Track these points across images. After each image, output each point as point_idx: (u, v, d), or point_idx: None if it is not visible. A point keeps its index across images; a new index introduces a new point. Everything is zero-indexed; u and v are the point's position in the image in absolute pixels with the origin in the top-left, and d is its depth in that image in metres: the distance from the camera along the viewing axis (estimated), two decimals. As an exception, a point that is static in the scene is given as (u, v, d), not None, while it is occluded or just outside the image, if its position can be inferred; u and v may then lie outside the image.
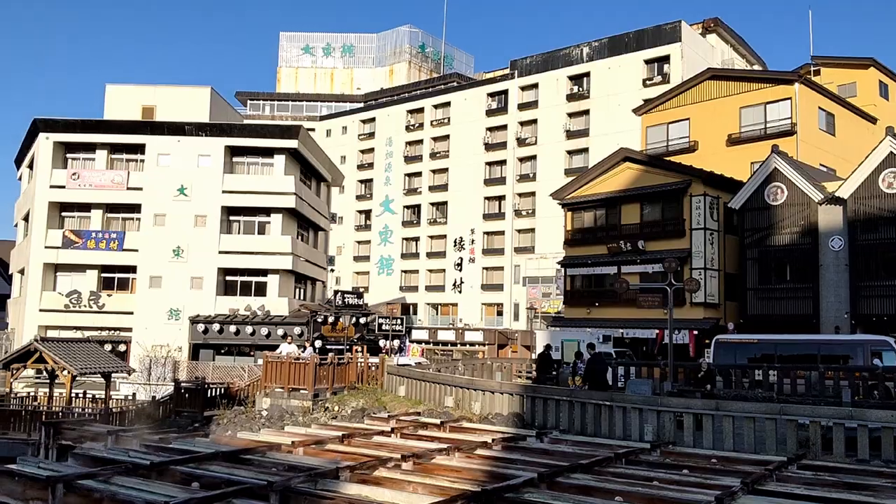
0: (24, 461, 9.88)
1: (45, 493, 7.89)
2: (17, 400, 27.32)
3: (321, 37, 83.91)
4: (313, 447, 11.83)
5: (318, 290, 45.21)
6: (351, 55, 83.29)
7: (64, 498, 7.86)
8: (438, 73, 79.35)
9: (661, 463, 11.06)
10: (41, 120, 38.87)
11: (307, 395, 21.44)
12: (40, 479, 8.12)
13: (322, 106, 76.11)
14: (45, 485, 7.94)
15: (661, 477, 9.59)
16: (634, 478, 9.56)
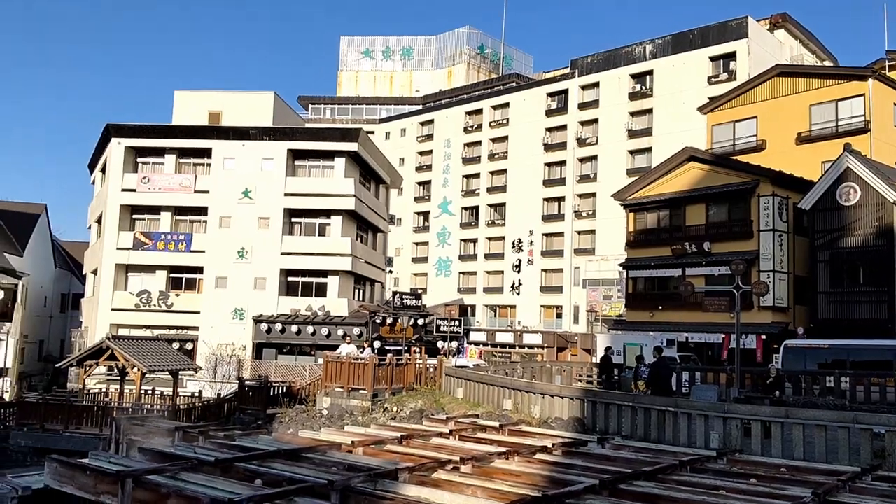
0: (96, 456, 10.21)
1: (114, 488, 8.12)
2: (89, 396, 28.39)
3: (381, 40, 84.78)
4: (373, 447, 11.87)
5: (376, 291, 45.61)
6: (410, 58, 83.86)
7: (133, 492, 8.07)
8: (497, 73, 79.14)
9: (727, 471, 10.71)
10: (113, 125, 40.31)
11: (366, 395, 21.61)
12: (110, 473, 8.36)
13: (381, 109, 76.84)
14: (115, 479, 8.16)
15: (728, 486, 9.28)
16: (700, 486, 9.27)
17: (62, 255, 55.23)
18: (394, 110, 74.97)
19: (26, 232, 47.36)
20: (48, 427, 24.90)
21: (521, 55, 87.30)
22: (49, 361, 46.56)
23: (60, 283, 52.96)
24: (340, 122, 69.63)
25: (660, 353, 18.45)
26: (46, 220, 51.47)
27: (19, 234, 46.77)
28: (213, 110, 42.61)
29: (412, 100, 76.75)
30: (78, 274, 52.68)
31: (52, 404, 26.42)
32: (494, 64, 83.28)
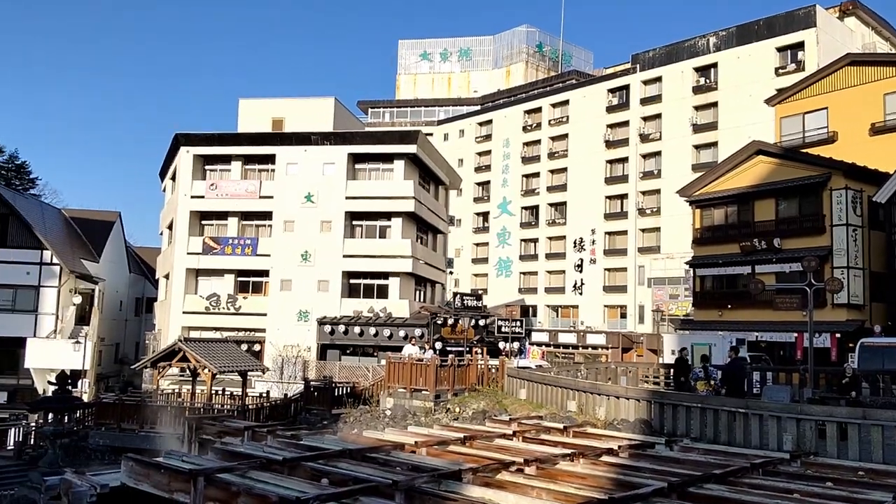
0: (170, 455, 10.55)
1: (187, 486, 8.37)
2: (163, 396, 29.34)
3: (438, 42, 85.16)
4: (436, 448, 11.91)
5: (437, 292, 45.77)
6: (468, 59, 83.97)
7: (204, 490, 8.30)
8: (556, 71, 78.49)
9: (801, 474, 10.34)
10: (182, 135, 41.62)
11: (429, 395, 21.70)
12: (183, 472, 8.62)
13: (440, 110, 77.15)
14: (188, 477, 8.41)
15: (803, 489, 8.96)
16: (773, 490, 8.98)
17: (136, 261, 57.30)
18: (452, 112, 75.16)
19: (102, 239, 49.37)
20: (124, 427, 25.83)
21: (581, 52, 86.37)
22: (124, 363, 48.37)
23: (134, 288, 54.99)
24: (399, 126, 70.19)
25: (736, 353, 17.93)
26: (121, 227, 53.50)
27: (96, 241, 48.82)
28: (276, 117, 43.54)
29: (470, 100, 76.81)
30: (151, 278, 54.58)
31: (128, 405, 27.41)
32: (553, 62, 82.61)
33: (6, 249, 40.40)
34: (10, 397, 39.16)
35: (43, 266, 40.71)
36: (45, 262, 40.73)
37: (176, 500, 8.65)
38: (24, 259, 40.35)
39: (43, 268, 40.71)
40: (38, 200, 55.90)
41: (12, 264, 40.17)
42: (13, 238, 40.62)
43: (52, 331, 40.21)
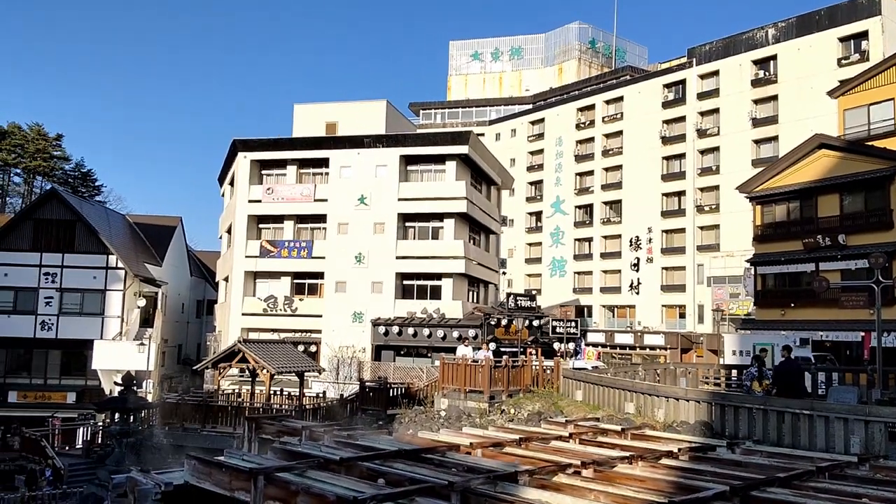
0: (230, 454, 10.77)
1: (248, 484, 8.52)
2: (223, 396, 30.04)
3: (489, 42, 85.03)
4: (491, 449, 11.85)
5: (490, 292, 45.68)
6: (519, 57, 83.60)
7: (264, 489, 8.45)
8: (610, 67, 77.51)
9: (870, 478, 9.93)
10: (239, 141, 42.56)
11: (483, 397, 21.63)
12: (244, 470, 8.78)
13: (491, 110, 76.99)
14: (248, 476, 8.57)
15: (872, 494, 8.60)
16: (840, 494, 8.65)
17: (196, 264, 58.84)
18: (503, 111, 74.93)
19: (164, 243, 50.86)
20: (187, 426, 26.57)
21: (635, 47, 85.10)
22: (187, 364, 49.69)
23: (195, 291, 56.46)
24: (450, 126, 70.34)
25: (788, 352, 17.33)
26: (182, 232, 55.03)
27: (158, 245, 50.33)
28: (329, 121, 44.16)
29: (522, 99, 76.45)
30: (211, 281, 55.97)
31: (190, 404, 28.17)
32: (606, 58, 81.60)
33: (74, 255, 41.96)
34: (79, 397, 40.68)
35: (109, 270, 42.12)
36: (111, 267, 42.13)
37: (237, 498, 8.82)
38: (90, 264, 41.85)
39: (109, 272, 42.12)
40: (104, 207, 57.95)
41: (80, 269, 41.71)
42: (80, 244, 42.16)
43: (117, 333, 41.58)
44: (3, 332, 40.71)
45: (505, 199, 55.06)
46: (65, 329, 41.15)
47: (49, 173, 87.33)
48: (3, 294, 41.30)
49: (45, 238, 42.08)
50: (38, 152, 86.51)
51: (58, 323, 41.20)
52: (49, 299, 41.42)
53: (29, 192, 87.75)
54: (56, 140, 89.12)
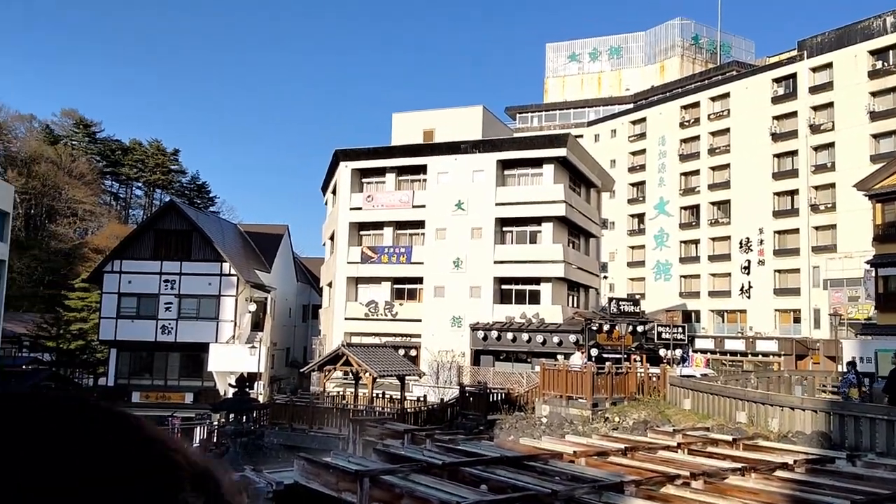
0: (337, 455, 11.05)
1: (354, 486, 8.70)
2: (329, 398, 30.88)
3: (587, 42, 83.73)
4: (595, 458, 11.61)
5: (591, 297, 44.87)
6: (618, 57, 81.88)
7: (370, 491, 8.60)
8: (714, 63, 74.71)
9: None
10: (341, 151, 43.77)
11: (586, 404, 21.26)
12: (350, 472, 8.97)
13: (590, 111, 75.72)
14: (354, 478, 8.75)
15: None
16: None
17: (302, 270, 60.91)
18: (602, 112, 73.54)
19: (273, 251, 52.99)
20: (295, 427, 27.45)
21: (741, 41, 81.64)
22: (294, 366, 51.46)
23: (301, 296, 58.44)
24: (548, 129, 69.64)
25: (898, 358, 16.10)
26: (289, 240, 57.12)
27: (267, 252, 52.49)
28: (427, 128, 44.69)
29: (622, 99, 74.81)
30: (316, 287, 57.78)
31: (298, 406, 29.12)
32: (711, 53, 78.70)
33: (191, 262, 44.33)
34: (196, 398, 42.86)
35: (222, 277, 44.22)
36: (224, 274, 44.22)
37: (344, 499, 9.02)
38: (206, 271, 44.09)
39: (222, 278, 44.23)
40: (217, 217, 61.03)
41: (196, 276, 44.02)
42: (196, 252, 44.51)
43: (230, 336, 43.56)
44: (127, 335, 43.54)
45: (605, 201, 53.96)
46: (183, 333, 43.52)
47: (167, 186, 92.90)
48: (127, 300, 44.16)
49: (165, 247, 44.68)
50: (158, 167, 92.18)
51: (177, 327, 43.62)
52: (168, 305, 43.91)
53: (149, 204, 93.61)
54: (173, 155, 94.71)
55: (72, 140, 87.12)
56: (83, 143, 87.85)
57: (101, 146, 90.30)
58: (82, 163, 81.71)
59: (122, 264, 44.54)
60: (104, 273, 44.88)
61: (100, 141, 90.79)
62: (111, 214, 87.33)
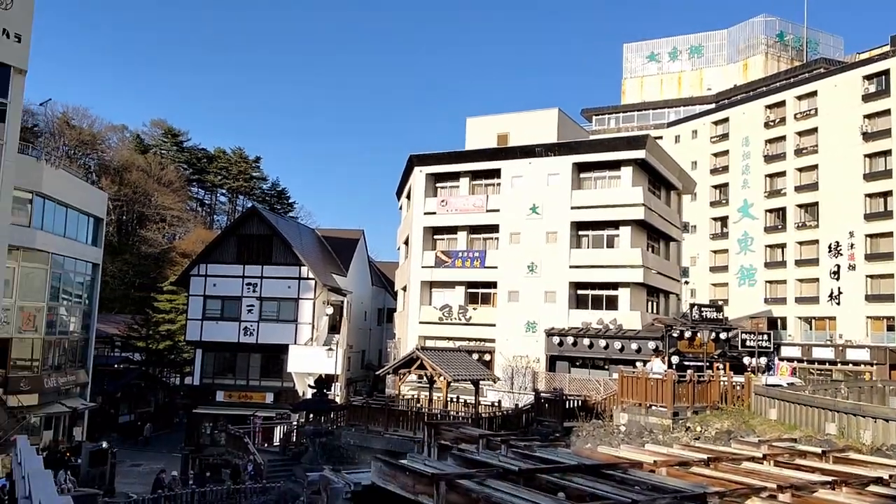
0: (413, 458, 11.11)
1: (430, 489, 8.71)
2: (403, 401, 31.17)
3: (666, 42, 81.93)
4: (677, 468, 11.28)
5: (671, 303, 43.75)
6: (699, 56, 79.77)
7: (446, 494, 8.59)
8: (801, 61, 71.92)
9: None
10: (415, 156, 44.20)
11: (666, 412, 20.73)
12: (426, 475, 8.99)
13: (669, 112, 74.03)
14: (431, 481, 8.76)
15: None
16: None
17: (377, 274, 61.82)
18: (683, 112, 71.74)
19: (349, 255, 54.01)
20: (371, 428, 27.81)
21: (828, 37, 78.26)
22: (369, 369, 52.24)
23: (376, 299, 59.31)
24: (625, 131, 68.45)
25: None
26: (364, 244, 58.10)
27: (343, 257, 53.55)
28: (501, 132, 44.59)
29: (703, 99, 72.84)
30: (390, 290, 58.52)
31: (374, 408, 29.51)
32: (797, 51, 75.76)
33: (271, 266, 45.65)
34: (276, 397, 44.08)
35: (301, 280, 45.35)
36: (303, 277, 45.33)
37: (420, 501, 9.05)
38: (285, 274, 45.32)
39: (301, 282, 45.35)
40: (296, 222, 62.62)
41: (276, 279, 45.31)
42: (277, 256, 45.82)
43: (309, 338, 44.59)
44: (212, 336, 45.18)
45: (686, 204, 52.55)
46: (264, 334, 44.84)
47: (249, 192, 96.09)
48: (212, 302, 45.84)
49: (247, 251, 46.20)
50: (240, 174, 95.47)
51: (258, 329, 44.97)
52: (250, 307, 45.34)
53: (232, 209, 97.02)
54: (255, 162, 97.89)
55: (161, 149, 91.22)
56: (171, 152, 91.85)
57: (187, 154, 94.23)
58: (170, 171, 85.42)
59: (207, 268, 46.30)
60: (190, 276, 46.75)
61: (187, 149, 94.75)
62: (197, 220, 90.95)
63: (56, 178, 37.44)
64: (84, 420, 40.19)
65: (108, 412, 47.67)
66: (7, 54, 29.27)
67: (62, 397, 37.95)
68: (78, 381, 40.15)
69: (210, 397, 44.93)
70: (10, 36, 29.26)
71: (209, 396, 44.99)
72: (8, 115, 29.60)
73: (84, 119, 79.82)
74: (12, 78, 29.64)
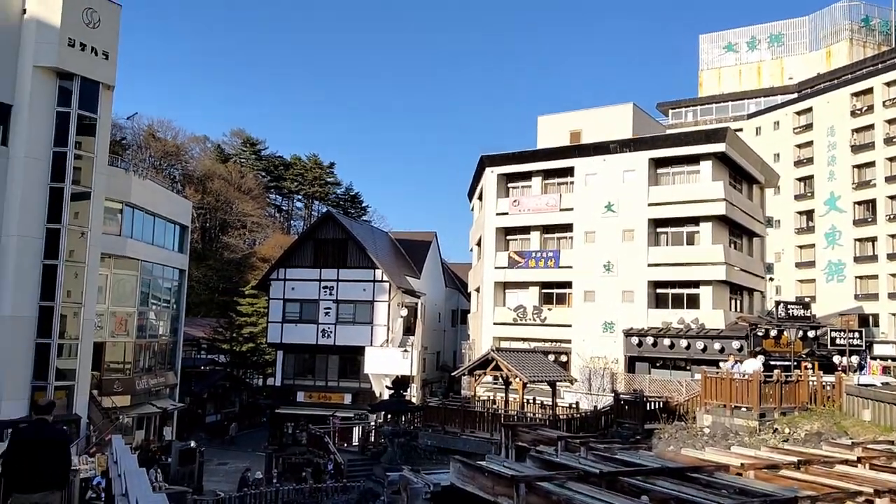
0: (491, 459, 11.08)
1: (510, 491, 8.66)
2: (479, 402, 31.15)
3: (744, 31, 79.17)
4: (765, 471, 10.88)
5: (755, 300, 42.23)
6: (779, 44, 76.76)
7: (526, 496, 8.52)
8: (889, 45, 68.20)
9: None
10: (486, 156, 44.13)
11: (752, 414, 20.02)
12: (506, 477, 8.94)
13: (749, 103, 71.52)
14: (510, 483, 8.71)
15: None
16: None
17: (450, 276, 62.08)
18: (764, 103, 69.19)
19: (421, 257, 54.45)
20: (448, 429, 27.91)
21: (919, 19, 73.90)
22: (444, 370, 52.48)
23: (450, 301, 59.55)
24: (703, 124, 66.46)
25: None
26: (436, 246, 58.43)
27: (416, 259, 54.00)
28: (573, 130, 44.02)
29: (784, 89, 70.04)
30: (463, 292, 58.68)
31: (450, 409, 29.61)
32: (884, 35, 71.89)
33: (347, 270, 46.50)
34: (354, 398, 44.86)
35: (375, 283, 46.03)
36: (377, 280, 45.99)
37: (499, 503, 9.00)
38: (361, 277, 46.10)
39: (375, 285, 46.03)
40: (370, 225, 63.54)
41: (352, 282, 46.14)
42: (351, 259, 46.66)
43: (384, 340, 45.17)
44: (292, 338, 46.39)
45: (769, 198, 50.66)
46: (341, 336, 45.73)
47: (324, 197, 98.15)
48: (291, 306, 47.09)
49: (323, 255, 47.26)
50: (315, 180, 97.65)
51: (335, 331, 45.90)
52: (328, 310, 46.31)
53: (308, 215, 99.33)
54: (329, 168, 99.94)
55: (240, 158, 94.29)
56: (250, 161, 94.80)
57: (265, 162, 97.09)
58: (250, 178, 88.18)
59: (285, 272, 47.56)
60: (270, 281, 48.13)
61: (264, 157, 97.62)
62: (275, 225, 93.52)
63: (144, 188, 39.17)
64: (173, 420, 41.91)
65: (196, 412, 49.56)
66: (96, 71, 30.82)
67: (152, 398, 39.65)
68: (167, 383, 41.87)
69: (291, 398, 46.10)
70: (98, 53, 30.80)
71: (290, 397, 46.17)
72: (98, 130, 31.17)
73: (168, 131, 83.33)
74: (101, 94, 31.19)
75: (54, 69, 29.85)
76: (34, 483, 7.97)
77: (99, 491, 15.63)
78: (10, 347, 28.23)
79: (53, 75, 30.00)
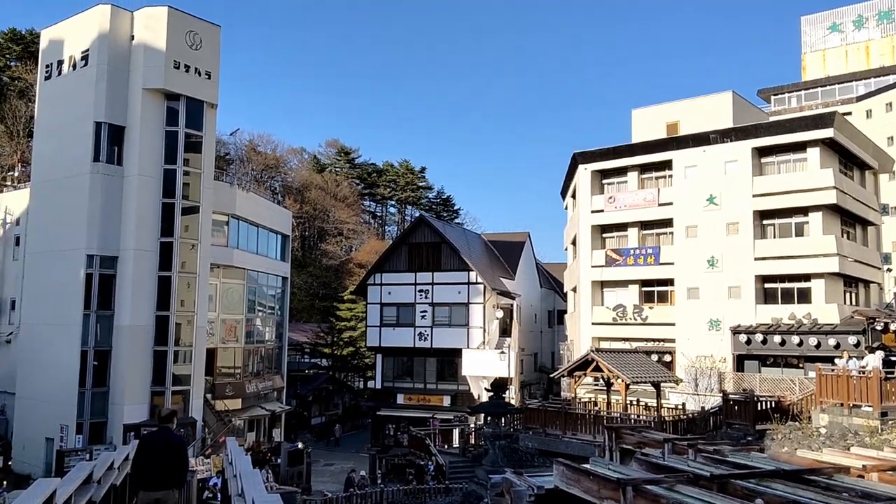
0: (595, 462, 10.87)
1: (616, 494, 8.47)
2: (580, 404, 30.71)
3: (850, 10, 74.65)
4: (890, 474, 10.20)
5: (872, 293, 39.67)
6: (889, 21, 71.92)
7: (633, 500, 8.32)
8: None
9: None
10: (579, 153, 43.48)
11: (872, 412, 18.82)
12: (612, 480, 8.75)
13: (858, 85, 67.30)
14: (617, 486, 8.52)
15: None
16: None
17: (545, 276, 61.53)
18: (874, 84, 64.92)
19: (515, 258, 54.24)
20: (549, 431, 27.66)
21: None
22: (543, 372, 52.05)
23: (545, 301, 59.01)
24: (809, 109, 63.01)
25: None
26: (530, 246, 58.05)
27: (510, 260, 53.84)
28: (670, 122, 42.76)
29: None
30: (559, 292, 58.00)
31: (551, 411, 29.34)
32: None
33: (441, 273, 46.92)
34: (452, 400, 45.16)
35: (470, 286, 46.21)
36: (472, 282, 46.16)
37: (605, 507, 8.82)
38: (455, 280, 46.39)
39: (470, 287, 46.21)
40: (462, 228, 63.89)
41: (446, 285, 46.50)
42: (446, 262, 47.05)
43: (480, 342, 45.26)
44: (391, 342, 47.22)
45: (884, 183, 47.38)
46: (437, 339, 46.16)
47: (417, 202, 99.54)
48: (388, 309, 47.95)
49: (417, 259, 47.89)
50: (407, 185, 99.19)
51: (432, 333, 46.38)
52: (424, 313, 46.87)
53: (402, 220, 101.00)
54: (420, 173, 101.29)
55: (335, 167, 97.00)
56: (345, 169, 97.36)
57: (359, 170, 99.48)
58: (345, 186, 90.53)
59: (381, 277, 48.48)
60: (367, 285, 49.18)
61: (358, 166, 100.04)
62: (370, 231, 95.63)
63: (247, 200, 40.91)
64: (281, 422, 43.49)
65: (302, 414, 51.25)
66: (200, 91, 32.46)
67: (261, 401, 41.30)
68: (275, 386, 43.51)
69: (391, 400, 46.92)
70: (201, 74, 32.42)
71: (390, 399, 46.99)
72: (204, 146, 32.79)
73: (268, 144, 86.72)
74: (205, 112, 32.81)
75: (162, 90, 31.63)
76: (156, 482, 8.91)
77: (215, 491, 16.40)
78: (130, 355, 30.08)
79: (161, 97, 31.77)
